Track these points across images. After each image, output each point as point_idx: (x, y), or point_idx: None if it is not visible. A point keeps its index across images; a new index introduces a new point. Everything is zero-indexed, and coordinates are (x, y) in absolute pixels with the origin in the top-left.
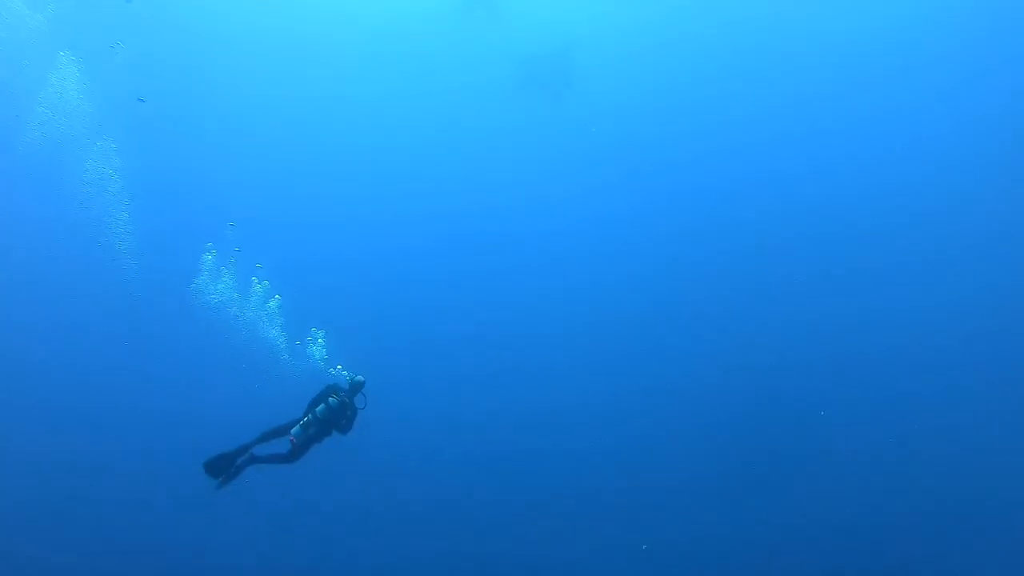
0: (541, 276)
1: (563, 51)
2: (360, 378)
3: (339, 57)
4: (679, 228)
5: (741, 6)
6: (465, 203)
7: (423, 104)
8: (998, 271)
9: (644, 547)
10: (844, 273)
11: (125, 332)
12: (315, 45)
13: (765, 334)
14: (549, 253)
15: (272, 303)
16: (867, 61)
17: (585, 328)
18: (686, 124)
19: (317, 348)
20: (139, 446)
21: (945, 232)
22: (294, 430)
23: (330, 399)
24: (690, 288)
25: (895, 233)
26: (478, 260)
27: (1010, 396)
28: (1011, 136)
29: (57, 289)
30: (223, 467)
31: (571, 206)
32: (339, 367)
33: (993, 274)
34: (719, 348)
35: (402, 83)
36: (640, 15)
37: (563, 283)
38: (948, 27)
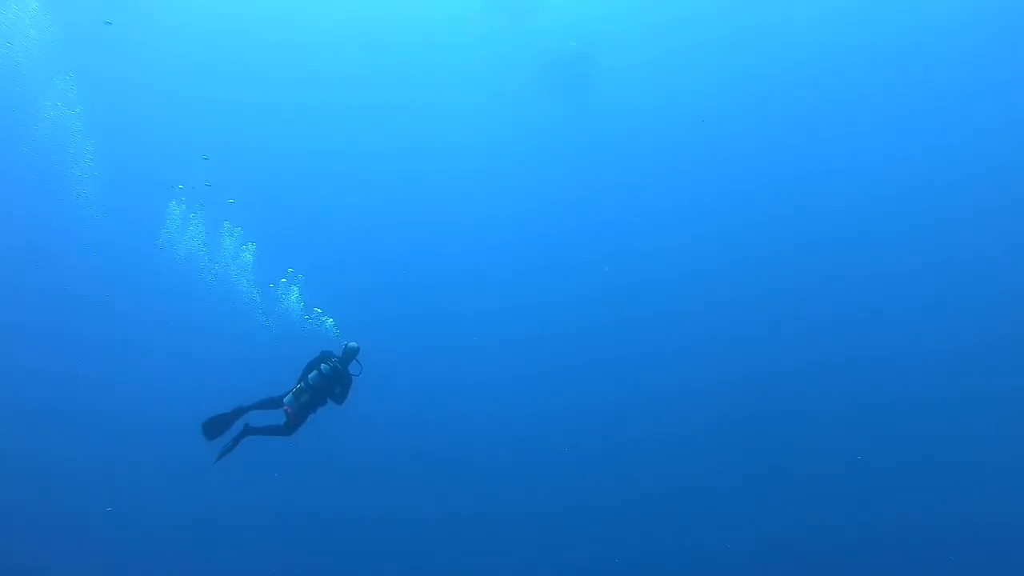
0: (543, 273)
1: (588, 52)
2: (354, 344)
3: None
4: (702, 230)
5: (766, 7)
6: (478, 192)
7: (436, 93)
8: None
9: None
10: (853, 276)
11: (92, 286)
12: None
13: (776, 338)
14: (565, 248)
15: (246, 252)
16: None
17: (597, 320)
18: (711, 125)
19: (293, 294)
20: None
21: (948, 235)
22: (287, 398)
23: (323, 366)
24: (720, 290)
25: (900, 237)
26: (489, 261)
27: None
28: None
29: (16, 240)
30: (219, 429)
31: (589, 205)
32: (318, 311)
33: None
34: (732, 353)
35: (415, 74)
36: (666, 15)
37: (570, 279)
38: (958, 32)
